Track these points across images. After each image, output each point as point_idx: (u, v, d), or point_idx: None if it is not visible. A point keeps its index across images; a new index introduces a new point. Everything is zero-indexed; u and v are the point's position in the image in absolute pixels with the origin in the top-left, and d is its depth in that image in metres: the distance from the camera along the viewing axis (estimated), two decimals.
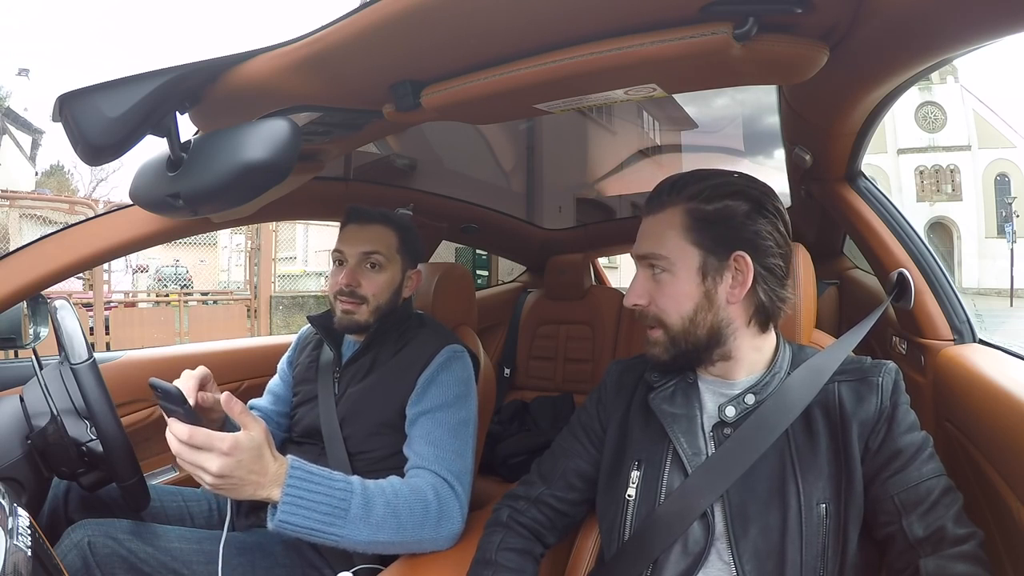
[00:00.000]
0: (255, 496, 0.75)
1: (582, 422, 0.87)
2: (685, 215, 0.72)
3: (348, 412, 1.08)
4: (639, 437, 0.78)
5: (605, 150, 2.42)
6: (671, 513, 0.70)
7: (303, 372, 1.20)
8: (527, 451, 1.89)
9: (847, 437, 0.68)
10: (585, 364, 2.19)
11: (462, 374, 1.06)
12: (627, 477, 0.76)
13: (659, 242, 0.73)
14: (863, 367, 0.72)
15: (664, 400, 0.77)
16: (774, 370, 0.74)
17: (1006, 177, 25.39)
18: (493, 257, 4.43)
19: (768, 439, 0.68)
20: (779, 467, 0.69)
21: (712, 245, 0.71)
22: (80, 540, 0.85)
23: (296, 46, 0.66)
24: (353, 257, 1.08)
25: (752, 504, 0.68)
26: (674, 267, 0.72)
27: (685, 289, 0.72)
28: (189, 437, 0.71)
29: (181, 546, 0.91)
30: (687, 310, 0.72)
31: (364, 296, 1.07)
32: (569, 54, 0.61)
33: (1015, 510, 0.66)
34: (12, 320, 1.06)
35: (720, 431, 0.73)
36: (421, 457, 0.94)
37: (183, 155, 0.70)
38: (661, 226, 0.74)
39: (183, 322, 6.32)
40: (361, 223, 1.11)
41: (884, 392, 0.69)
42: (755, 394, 0.72)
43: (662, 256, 0.73)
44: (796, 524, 0.66)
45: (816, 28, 0.59)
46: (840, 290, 1.75)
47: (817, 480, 0.67)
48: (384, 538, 0.83)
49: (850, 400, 0.69)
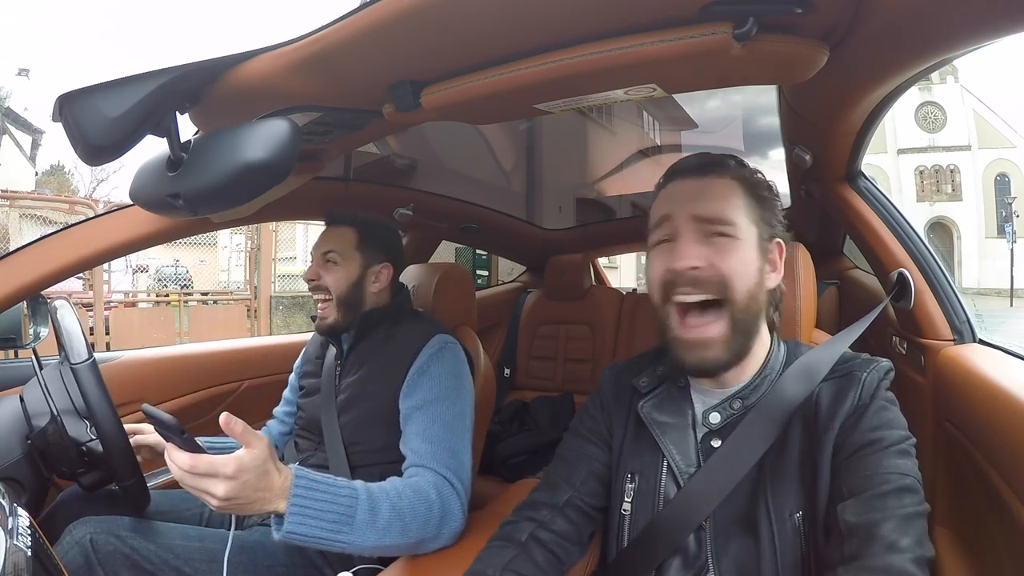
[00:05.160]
0: (262, 511, 0.74)
1: (588, 427, 0.81)
2: (746, 189, 0.69)
3: (344, 402, 1.10)
4: (632, 447, 0.75)
5: (605, 150, 2.42)
6: (667, 525, 0.67)
7: (310, 368, 1.24)
8: (527, 451, 1.89)
9: (822, 439, 0.63)
10: (585, 364, 2.19)
11: (454, 366, 1.06)
12: (621, 488, 0.73)
13: (726, 205, 0.67)
14: (853, 362, 0.68)
15: (654, 408, 0.73)
16: (764, 372, 0.70)
17: (1006, 177, 25.38)
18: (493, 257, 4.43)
19: (757, 451, 0.64)
20: (753, 477, 0.65)
21: (766, 227, 0.69)
22: (82, 537, 0.84)
23: (296, 46, 0.66)
24: (316, 256, 1.18)
25: (731, 520, 0.65)
26: (741, 234, 0.67)
27: (747, 257, 0.67)
28: (192, 467, 0.69)
29: (184, 544, 0.92)
30: (752, 281, 0.66)
31: (326, 287, 1.14)
32: (569, 54, 0.61)
33: (1015, 510, 0.66)
34: (12, 320, 1.06)
35: (708, 443, 0.69)
36: (419, 455, 0.94)
37: (183, 155, 0.70)
38: (724, 191, 0.69)
39: (183, 322, 6.32)
40: (330, 225, 1.21)
41: (865, 387, 0.64)
42: (743, 399, 0.69)
43: (729, 221, 0.67)
44: (768, 540, 0.62)
45: (816, 28, 0.59)
46: (840, 290, 1.75)
47: (788, 492, 0.63)
48: (390, 541, 0.82)
49: (828, 399, 0.65)
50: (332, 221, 1.21)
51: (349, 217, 1.21)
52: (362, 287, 1.16)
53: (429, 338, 1.08)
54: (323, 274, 1.15)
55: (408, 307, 1.23)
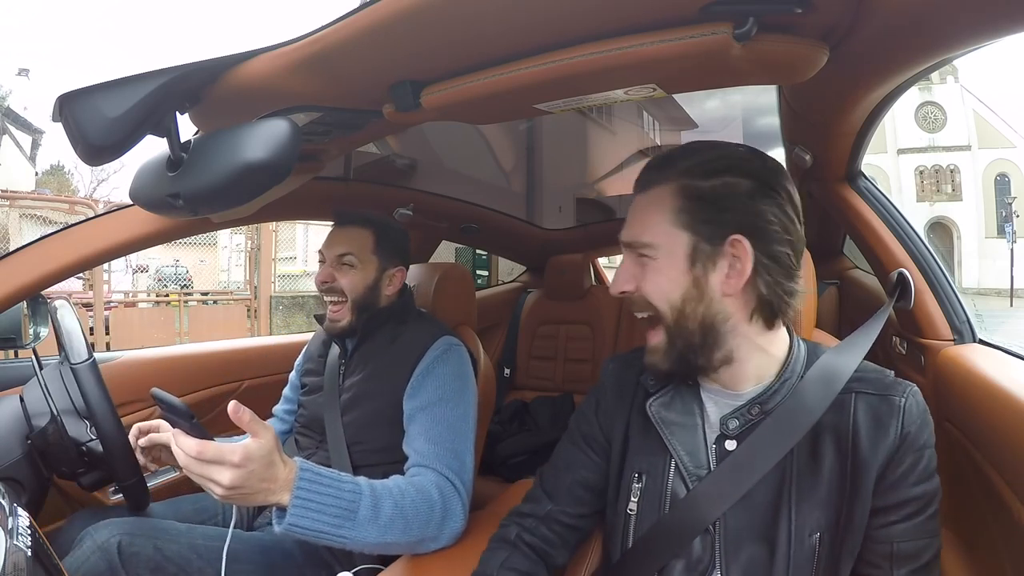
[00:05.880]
0: (266, 502, 0.74)
1: (582, 431, 0.80)
2: (676, 194, 0.64)
3: (348, 401, 1.10)
4: (639, 445, 0.73)
5: (605, 150, 2.42)
6: (673, 527, 0.66)
7: (312, 366, 1.23)
8: (527, 451, 1.89)
9: (860, 467, 0.61)
10: (585, 364, 2.19)
11: (458, 368, 1.06)
12: (628, 489, 0.72)
13: (643, 227, 0.66)
14: (884, 381, 0.65)
15: (663, 406, 0.71)
16: (785, 376, 0.66)
17: (1006, 177, 25.37)
18: (493, 257, 4.42)
19: (773, 458, 0.63)
20: (777, 488, 0.64)
21: (705, 228, 0.63)
22: (104, 541, 0.84)
23: (296, 46, 0.66)
24: (329, 257, 1.14)
25: (746, 528, 0.64)
26: (657, 253, 0.65)
27: (670, 275, 0.64)
28: (199, 452, 0.68)
29: (206, 543, 0.91)
30: (675, 298, 0.64)
31: (341, 290, 1.11)
32: (569, 54, 0.61)
33: (1015, 510, 0.66)
34: (12, 320, 1.06)
35: (722, 445, 0.67)
36: (421, 455, 0.94)
37: (183, 155, 0.70)
38: (648, 208, 0.66)
39: (183, 322, 6.32)
40: (341, 225, 1.17)
41: (908, 417, 0.61)
42: (761, 405, 0.65)
43: (645, 243, 0.65)
44: (784, 555, 0.62)
45: (816, 28, 0.59)
46: (840, 290, 1.75)
47: (813, 509, 0.62)
48: (392, 539, 0.82)
49: (867, 424, 0.62)
50: (344, 221, 1.17)
51: (363, 218, 1.17)
52: (378, 290, 1.15)
53: (435, 340, 1.08)
54: (338, 276, 1.12)
55: (413, 308, 1.22)
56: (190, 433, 0.71)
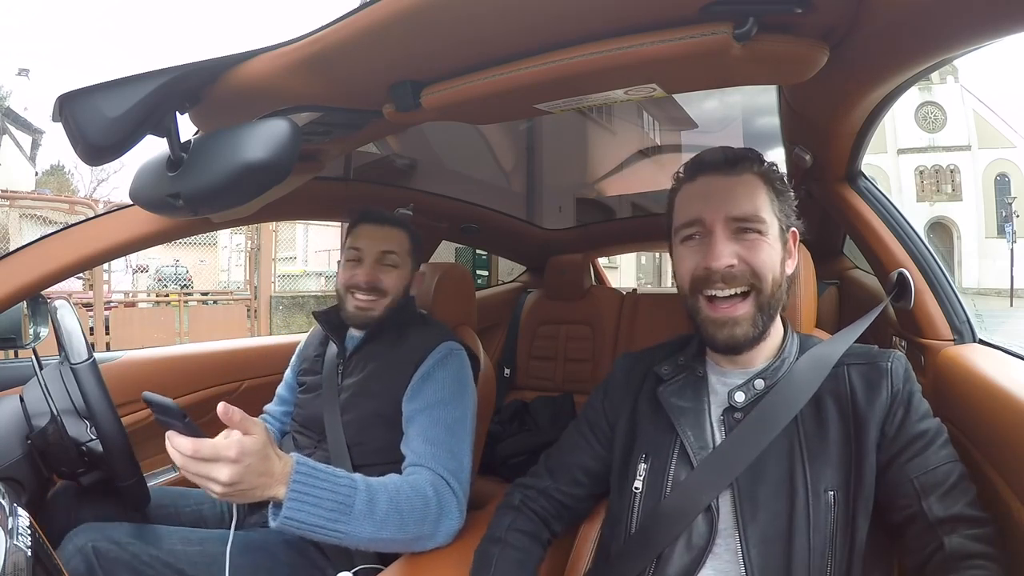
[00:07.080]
0: (263, 497, 0.74)
1: (588, 419, 0.88)
2: (766, 183, 0.74)
3: (348, 401, 1.10)
4: (647, 429, 0.79)
5: (605, 150, 2.42)
6: (675, 507, 0.71)
7: (309, 365, 1.23)
8: (527, 451, 1.89)
9: (862, 426, 0.68)
10: (585, 364, 2.19)
11: (459, 371, 1.07)
12: (635, 469, 0.77)
13: (756, 205, 0.73)
14: (871, 352, 0.74)
15: (673, 393, 0.78)
16: (783, 355, 0.75)
17: (1006, 177, 25.39)
18: (493, 257, 4.43)
19: (778, 425, 0.69)
20: (788, 453, 0.69)
21: (784, 218, 0.75)
22: (83, 545, 0.84)
23: (296, 46, 0.66)
24: (371, 255, 1.13)
25: (761, 490, 0.69)
26: (768, 229, 0.73)
27: (775, 249, 0.73)
28: (195, 451, 0.68)
29: (185, 548, 0.91)
30: (777, 272, 0.73)
31: (385, 290, 1.13)
32: (569, 54, 0.61)
33: (1015, 510, 0.66)
34: (12, 320, 1.06)
35: (731, 415, 0.73)
36: (418, 455, 0.95)
37: (183, 155, 0.70)
38: (752, 188, 0.74)
39: (183, 322, 6.32)
40: (377, 223, 1.17)
41: (895, 377, 0.70)
42: (764, 379, 0.74)
43: (762, 219, 0.73)
44: (803, 511, 0.66)
45: (816, 28, 0.59)
46: (840, 290, 1.75)
47: (825, 468, 0.68)
48: (387, 535, 0.83)
49: (862, 387, 0.70)
50: (381, 220, 1.17)
51: (395, 219, 1.20)
52: (408, 290, 1.19)
53: (437, 344, 1.09)
54: (382, 276, 1.13)
55: (415, 310, 1.23)
56: (184, 433, 0.71)
